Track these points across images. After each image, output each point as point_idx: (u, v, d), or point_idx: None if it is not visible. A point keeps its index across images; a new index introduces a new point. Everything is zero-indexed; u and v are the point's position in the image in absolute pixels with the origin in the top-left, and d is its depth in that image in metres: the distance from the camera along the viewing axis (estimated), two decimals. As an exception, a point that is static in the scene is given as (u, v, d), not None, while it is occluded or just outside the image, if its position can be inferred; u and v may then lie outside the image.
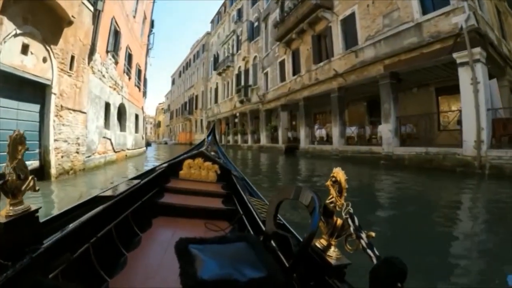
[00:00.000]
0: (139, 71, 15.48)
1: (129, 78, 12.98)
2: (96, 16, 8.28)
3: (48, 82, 6.48)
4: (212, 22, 37.18)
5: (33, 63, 6.06)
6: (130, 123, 13.11)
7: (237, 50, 26.57)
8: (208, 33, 37.98)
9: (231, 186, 2.65)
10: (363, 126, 13.36)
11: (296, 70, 16.66)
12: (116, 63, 10.83)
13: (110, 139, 10.11)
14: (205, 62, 37.27)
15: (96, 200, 1.51)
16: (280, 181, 7.88)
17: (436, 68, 10.61)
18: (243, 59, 24.63)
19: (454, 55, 8.51)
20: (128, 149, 12.62)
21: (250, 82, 23.15)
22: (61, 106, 6.87)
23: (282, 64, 18.27)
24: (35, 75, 6.11)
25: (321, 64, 14.17)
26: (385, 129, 10.59)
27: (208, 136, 4.67)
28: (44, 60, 6.41)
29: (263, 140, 20.40)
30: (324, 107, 18.97)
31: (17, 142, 0.84)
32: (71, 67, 7.30)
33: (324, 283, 0.82)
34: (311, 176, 8.33)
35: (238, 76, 25.71)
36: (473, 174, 7.45)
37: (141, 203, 1.99)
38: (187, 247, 0.95)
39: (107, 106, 10.05)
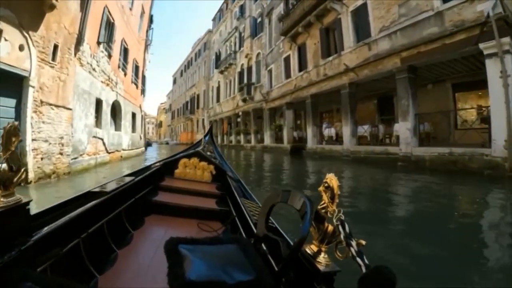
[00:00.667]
0: (137, 68, 14.65)
1: (125, 74, 12.15)
2: (85, 3, 7.44)
3: (25, 74, 5.65)
4: (213, 19, 36.39)
5: (7, 51, 5.25)
6: (126, 122, 12.28)
7: (240, 47, 25.72)
8: (209, 31, 37.20)
9: (226, 187, 2.63)
10: (376, 125, 12.45)
11: (302, 66, 15.76)
12: (110, 56, 10.00)
13: (102, 139, 9.28)
14: (206, 60, 36.48)
15: (88, 196, 1.50)
16: (287, 186, 6.98)
17: (455, 62, 9.77)
18: (246, 56, 23.76)
19: (481, 45, 7.60)
20: (123, 150, 11.78)
21: (253, 80, 22.28)
22: (41, 101, 6.02)
23: (287, 60, 17.38)
24: (9, 64, 5.30)
25: (330, 58, 13.27)
26: (403, 128, 9.66)
27: (205, 136, 4.56)
28: (21, 48, 5.59)
29: (267, 140, 19.51)
30: (331, 105, 18.11)
31: (11, 133, 0.84)
32: (54, 58, 6.46)
33: None
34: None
35: (241, 74, 24.84)
36: (502, 177, 6.54)
37: (134, 200, 1.95)
38: (177, 247, 0.94)
39: (99, 103, 9.22)
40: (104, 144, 9.43)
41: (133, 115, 13.99)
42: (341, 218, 0.81)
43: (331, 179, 0.87)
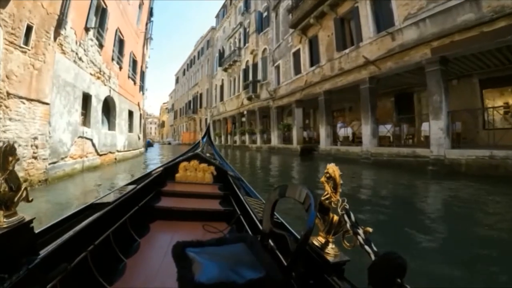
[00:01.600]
0: (134, 62, 13.52)
1: (120, 68, 11.01)
2: (68, -20, 6.31)
3: (-15, 58, 4.51)
4: (217, 16, 35.27)
5: (-41, 28, 4.11)
6: (121, 120, 11.14)
7: (245, 43, 24.55)
8: (213, 28, 36.06)
9: (228, 187, 2.63)
10: (398, 124, 11.22)
11: (314, 61, 14.55)
12: (101, 46, 8.86)
13: (91, 139, 8.13)
14: (209, 58, 35.37)
15: (92, 208, 1.49)
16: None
17: (486, 55, 8.68)
18: (251, 53, 22.59)
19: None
20: (118, 151, 10.64)
21: (259, 77, 21.10)
22: (8, 93, 4.88)
23: (296, 54, 16.17)
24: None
25: (347, 51, 12.04)
26: (435, 127, 8.43)
27: (203, 137, 4.52)
28: (-20, 26, 4.46)
29: (274, 140, 18.30)
30: (342, 103, 16.90)
31: (7, 153, 0.83)
32: (26, 41, 5.33)
33: (323, 281, 0.80)
34: (352, 191, 6.02)
35: (246, 71, 23.67)
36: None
37: (138, 208, 1.95)
38: (184, 251, 0.94)
39: (87, 98, 8.08)
40: (93, 145, 8.29)
41: (130, 113, 12.86)
42: (345, 207, 0.80)
43: (333, 168, 0.87)
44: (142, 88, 15.98)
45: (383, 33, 10.22)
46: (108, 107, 10.29)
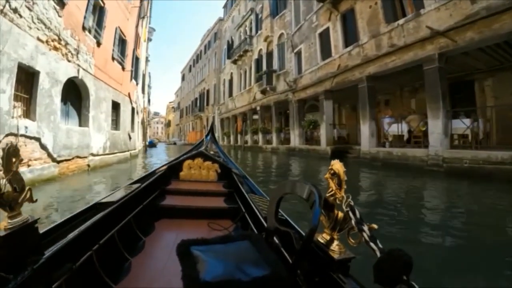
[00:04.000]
0: (123, 42, 10.72)
1: (99, 44, 8.19)
2: None
3: None
4: (224, 7, 32.39)
5: None
6: (99, 113, 8.33)
7: (257, 31, 21.63)
8: (220, 20, 33.22)
9: (232, 184, 2.59)
10: (476, 119, 8.14)
11: (349, 39, 11.52)
12: (62, 3, 6.05)
13: (38, 139, 5.32)
14: (217, 51, 32.56)
15: (96, 207, 1.48)
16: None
17: None
18: (265, 40, 19.64)
19: None
20: (94, 155, 7.82)
21: (275, 66, 18.11)
22: None
23: (324, 35, 13.15)
24: None
25: (401, 21, 8.98)
26: None
27: (206, 135, 4.47)
28: None
29: (295, 140, 15.29)
30: (375, 95, 13.88)
31: (11, 154, 0.82)
32: None
33: (328, 279, 0.80)
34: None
35: (258, 61, 20.74)
36: None
37: (142, 207, 1.93)
38: (189, 249, 0.92)
39: (30, 75, 5.26)
40: (43, 147, 5.48)
41: (116, 105, 10.04)
42: (350, 204, 0.80)
43: (336, 164, 0.86)
44: (135, 77, 13.17)
45: (462, -9, 7.19)
46: (78, 95, 7.48)
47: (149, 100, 43.68)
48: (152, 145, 30.05)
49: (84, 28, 7.23)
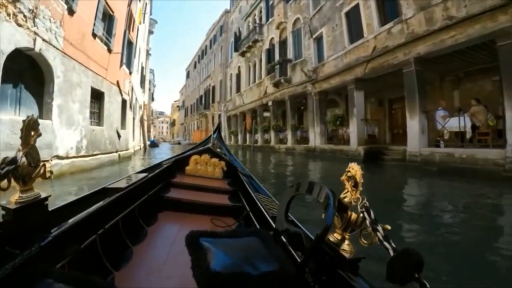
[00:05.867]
0: (109, 18, 8.71)
1: (71, 12, 6.20)
2: None
3: None
4: (231, -3, 30.39)
5: None
6: (71, 102, 6.36)
7: (268, 18, 19.56)
8: (226, 12, 31.19)
9: (237, 183, 2.58)
10: None
11: (388, 15, 9.41)
12: None
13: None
14: (223, 45, 30.54)
15: (103, 192, 1.48)
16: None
17: None
18: (278, 27, 17.57)
19: None
20: (61, 158, 5.84)
21: (290, 55, 16.02)
22: None
23: (352, 14, 11.03)
24: None
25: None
26: None
27: (213, 133, 4.35)
28: None
29: (315, 139, 13.18)
30: (401, 89, 11.70)
31: (30, 127, 0.82)
32: None
33: (337, 277, 0.80)
34: None
35: (270, 51, 18.67)
36: None
37: (147, 197, 1.93)
38: (198, 240, 0.91)
39: None
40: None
41: (99, 94, 8.04)
42: (365, 205, 0.80)
43: (353, 167, 0.86)
44: (128, 64, 11.16)
45: None
46: (40, 77, 5.49)
47: (152, 98, 42.18)
48: (154, 145, 28.87)
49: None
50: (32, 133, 0.81)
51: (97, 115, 8.03)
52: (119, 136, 9.30)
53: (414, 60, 8.06)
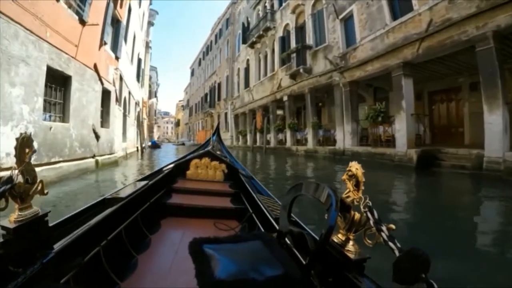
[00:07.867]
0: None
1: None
2: None
3: None
4: (238, -12, 28.13)
5: None
6: (10, 86, 4.26)
7: (281, 4, 17.33)
8: (233, 3, 28.99)
9: (239, 185, 2.56)
10: None
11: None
12: None
13: None
14: (230, 38, 28.37)
15: (104, 202, 1.46)
16: None
17: None
18: (293, 11, 15.34)
19: None
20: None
21: (310, 41, 13.76)
22: None
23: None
24: None
25: None
26: None
27: (213, 135, 4.37)
28: None
29: (345, 139, 10.90)
30: (452, 78, 9.29)
31: (24, 145, 0.80)
32: None
33: (343, 278, 0.77)
34: None
35: (284, 39, 16.41)
36: None
37: (149, 204, 1.90)
38: (201, 247, 0.90)
39: None
40: None
41: (61, 78, 5.87)
42: (368, 205, 0.77)
43: (354, 166, 0.83)
44: (114, 48, 8.98)
45: None
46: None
47: (155, 96, 40.31)
48: (155, 146, 27.61)
49: None
50: (27, 150, 0.80)
51: (60, 107, 5.88)
52: (97, 136, 7.14)
53: (493, 34, 5.76)
